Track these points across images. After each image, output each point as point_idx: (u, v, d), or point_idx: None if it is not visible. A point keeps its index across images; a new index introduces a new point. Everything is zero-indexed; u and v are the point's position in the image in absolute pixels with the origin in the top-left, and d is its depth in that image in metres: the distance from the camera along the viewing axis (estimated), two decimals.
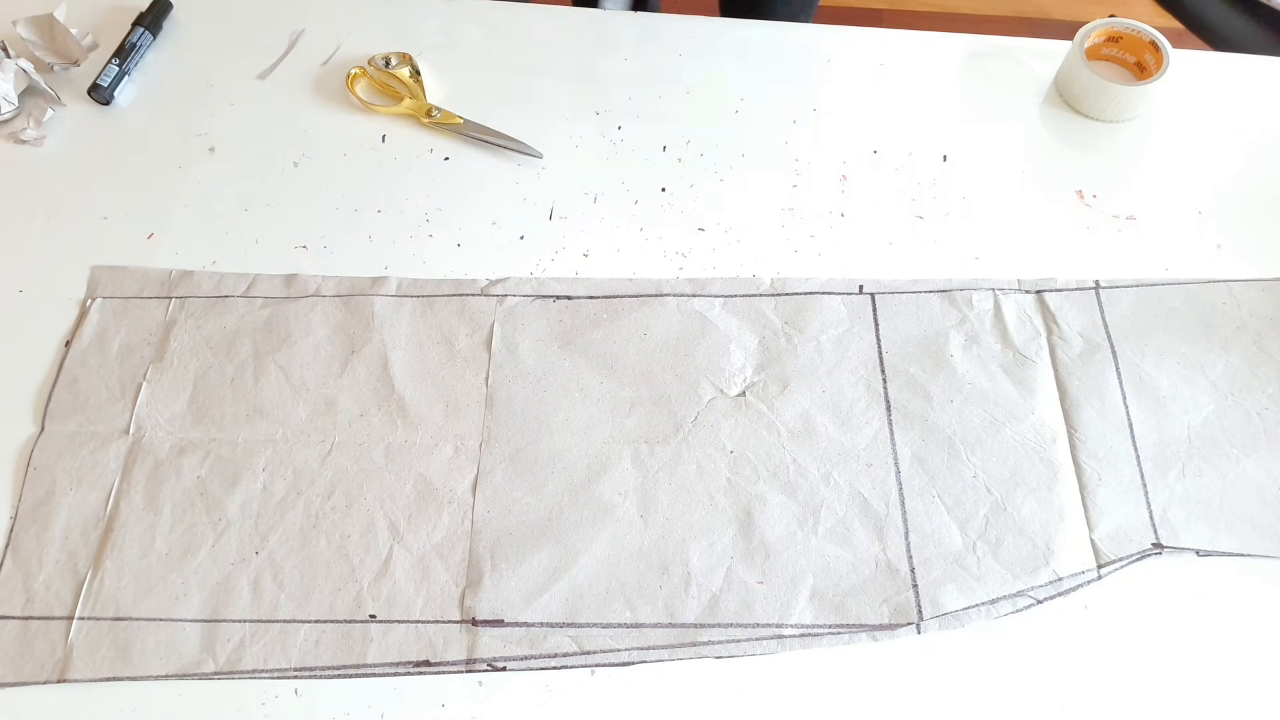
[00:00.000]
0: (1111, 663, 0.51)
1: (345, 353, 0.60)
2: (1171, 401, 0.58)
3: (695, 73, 0.75)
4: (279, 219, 0.67)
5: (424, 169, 0.69)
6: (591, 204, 0.68)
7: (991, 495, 0.55)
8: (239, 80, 0.74)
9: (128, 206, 0.68)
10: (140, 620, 0.51)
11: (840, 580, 0.53)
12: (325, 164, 0.70)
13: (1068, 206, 0.68)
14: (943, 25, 1.63)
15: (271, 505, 0.55)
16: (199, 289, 0.63)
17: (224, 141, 0.71)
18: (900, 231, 0.67)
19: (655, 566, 0.53)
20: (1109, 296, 0.62)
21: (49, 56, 0.74)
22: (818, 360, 0.60)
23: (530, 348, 0.61)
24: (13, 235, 0.66)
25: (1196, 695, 0.51)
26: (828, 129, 0.72)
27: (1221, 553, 0.54)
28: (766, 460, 0.57)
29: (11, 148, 0.70)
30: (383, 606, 0.52)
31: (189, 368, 0.60)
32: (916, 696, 0.51)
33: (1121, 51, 0.74)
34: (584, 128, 0.72)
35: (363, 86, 0.74)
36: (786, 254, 0.66)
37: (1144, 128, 0.72)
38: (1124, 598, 0.53)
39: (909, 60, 0.76)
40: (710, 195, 0.69)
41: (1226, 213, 0.67)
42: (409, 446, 0.57)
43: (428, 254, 0.66)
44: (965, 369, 0.59)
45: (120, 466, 0.56)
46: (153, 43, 0.76)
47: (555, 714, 0.50)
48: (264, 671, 0.50)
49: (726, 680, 0.51)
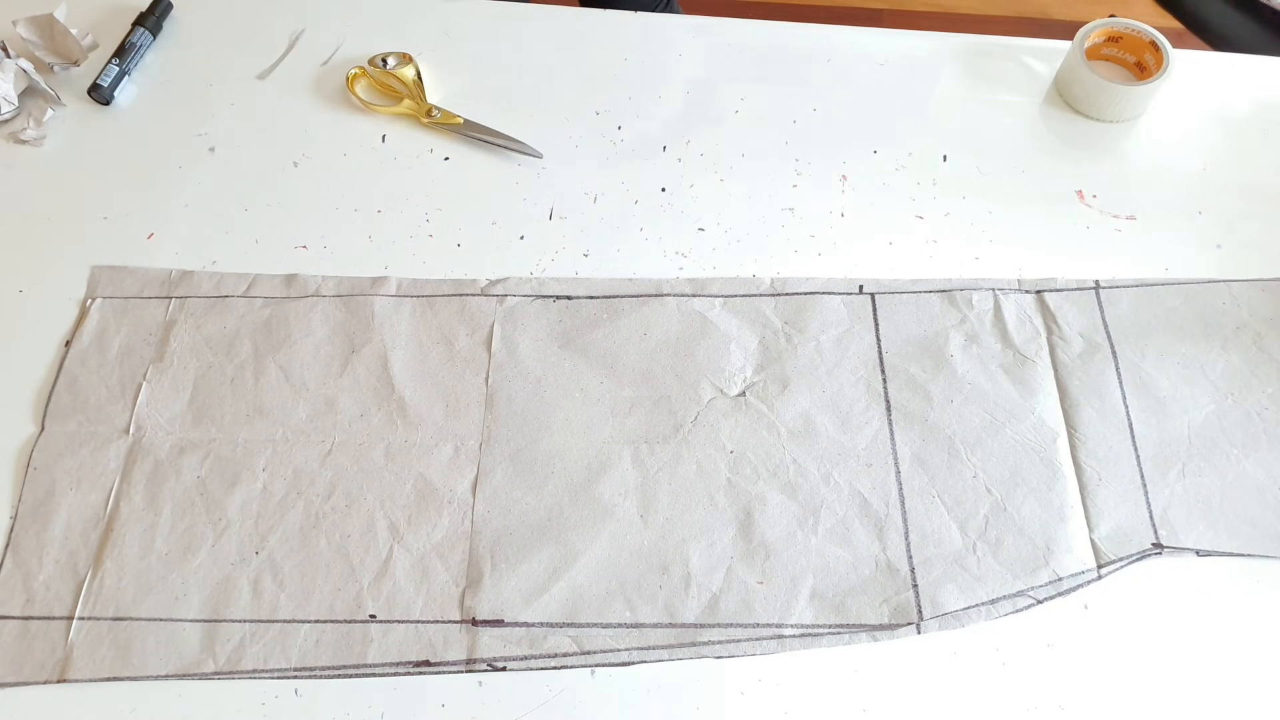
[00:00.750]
0: (1111, 663, 0.51)
1: (345, 353, 0.60)
2: (1171, 401, 0.58)
3: (695, 73, 0.75)
4: (279, 219, 0.67)
5: (424, 169, 0.69)
6: (591, 204, 0.68)
7: (991, 495, 0.55)
8: (239, 80, 0.74)
9: (128, 206, 0.68)
10: (140, 620, 0.51)
11: (840, 580, 0.53)
12: (325, 164, 0.70)
13: (1068, 206, 0.68)
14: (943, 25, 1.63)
15: (271, 505, 0.55)
16: (199, 289, 0.63)
17: (224, 141, 0.71)
18: (900, 231, 0.67)
19: (655, 566, 0.53)
20: (1109, 297, 0.62)
21: (49, 56, 0.74)
22: (818, 360, 0.60)
23: (530, 348, 0.61)
24: (13, 235, 0.66)
25: (1196, 695, 0.51)
26: (828, 129, 0.72)
27: (1222, 553, 0.54)
28: (766, 460, 0.57)
29: (11, 148, 0.70)
30: (383, 606, 0.52)
31: (189, 368, 0.60)
32: (917, 696, 0.51)
33: (1121, 51, 0.74)
34: (584, 128, 0.72)
35: (363, 86, 0.74)
36: (786, 254, 0.66)
37: (1144, 128, 0.72)
38: (1124, 598, 0.53)
39: (909, 60, 0.76)
40: (710, 195, 0.69)
41: (1226, 213, 0.67)
42: (409, 446, 0.57)
43: (428, 254, 0.66)
44: (965, 369, 0.59)
45: (120, 466, 0.56)
46: (153, 43, 0.76)
47: (555, 714, 0.50)
48: (264, 671, 0.50)
49: (727, 680, 0.51)
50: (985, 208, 0.68)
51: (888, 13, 1.69)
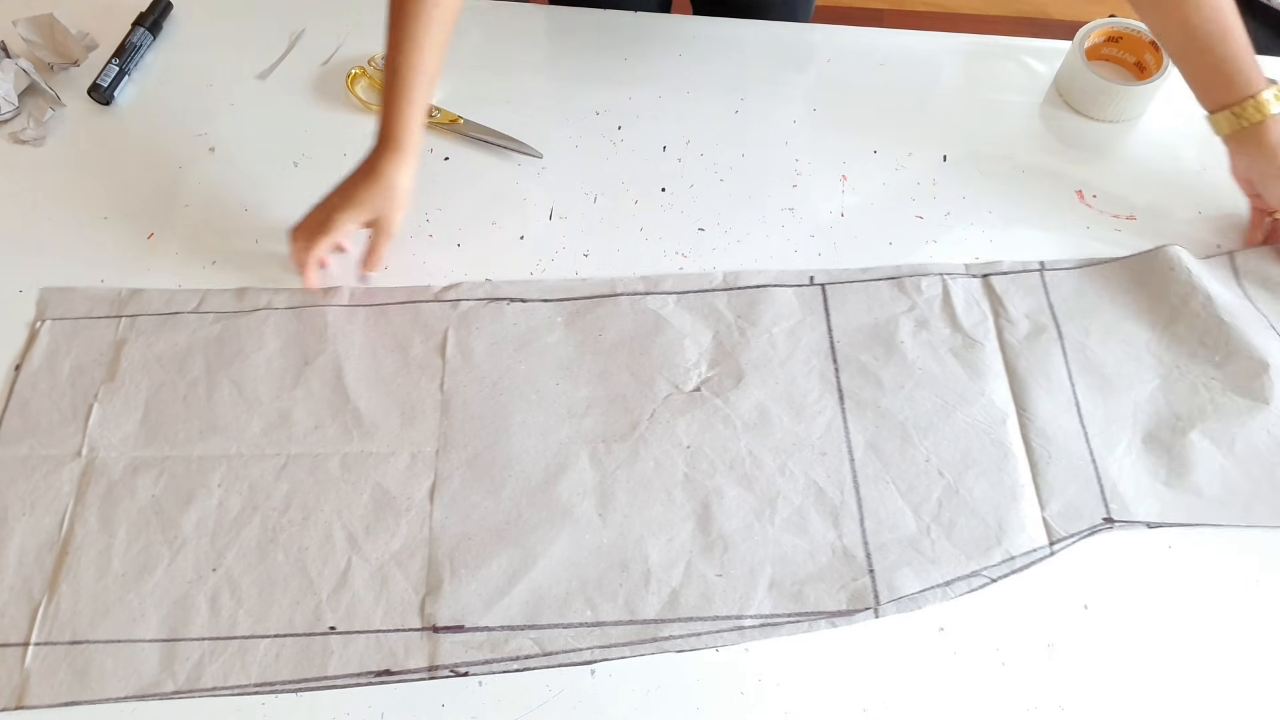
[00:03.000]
0: (1111, 663, 0.51)
1: (299, 364, 0.60)
2: (1117, 378, 0.59)
3: (695, 73, 0.75)
4: (279, 219, 0.66)
5: (424, 169, 0.68)
6: (591, 204, 0.68)
7: (944, 478, 0.56)
8: (239, 80, 0.74)
9: (128, 206, 0.67)
10: (98, 643, 0.51)
11: (798, 569, 0.53)
12: (325, 164, 0.69)
13: (1068, 206, 0.68)
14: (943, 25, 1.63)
15: (227, 521, 0.54)
16: (149, 306, 0.62)
17: (224, 141, 0.71)
18: (900, 231, 0.66)
19: (615, 564, 0.53)
20: (1053, 278, 0.63)
21: (49, 56, 0.74)
22: (771, 352, 0.60)
23: (485, 352, 0.61)
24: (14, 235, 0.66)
25: (1196, 695, 0.51)
26: (828, 129, 0.72)
27: (1172, 524, 0.55)
28: (723, 454, 0.57)
29: (11, 148, 0.70)
30: (342, 618, 0.52)
31: (141, 386, 0.59)
32: (917, 696, 0.50)
33: (1121, 51, 0.74)
34: (584, 128, 0.72)
35: (363, 86, 0.74)
36: (787, 254, 0.65)
37: (1144, 128, 0.72)
38: (1124, 597, 0.53)
39: (909, 60, 0.76)
40: (710, 195, 0.69)
41: (1226, 213, 0.67)
42: (365, 456, 0.57)
43: (428, 254, 0.65)
44: (916, 355, 0.60)
45: (74, 489, 0.56)
46: (153, 43, 0.76)
47: (555, 713, 0.50)
48: (224, 689, 0.50)
49: (727, 680, 0.51)
50: (985, 208, 0.68)
51: (888, 13, 1.70)
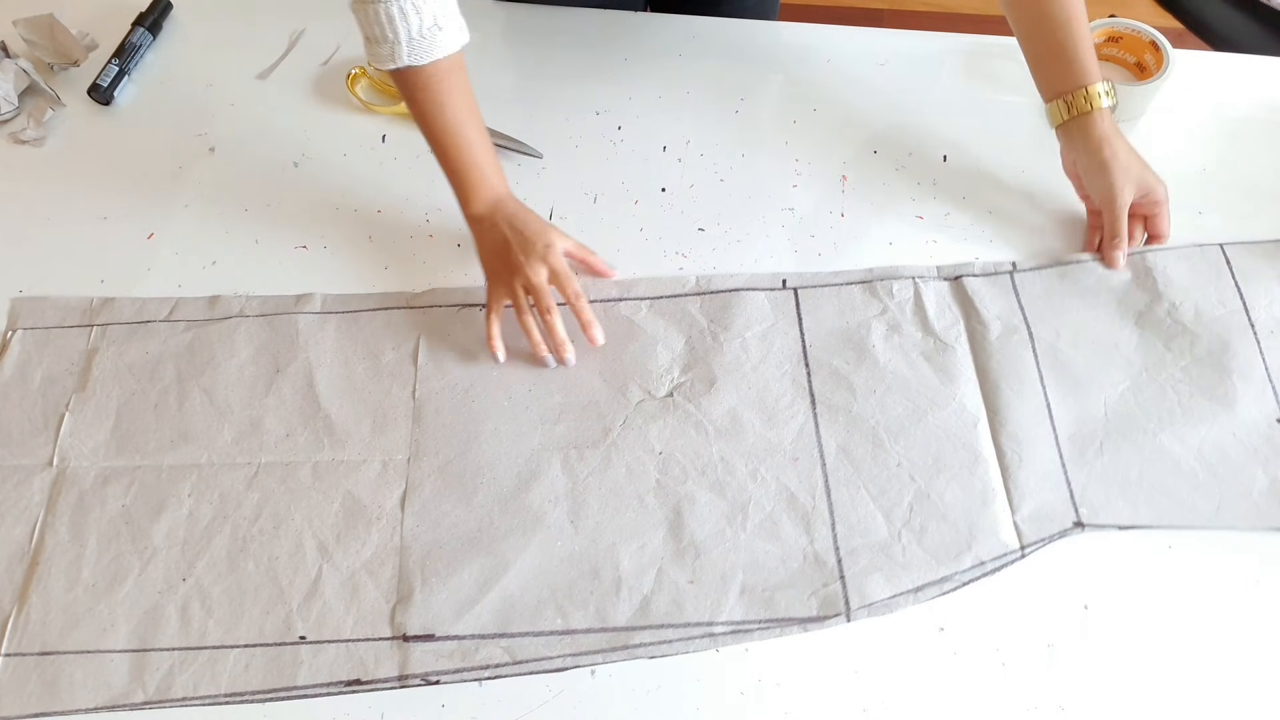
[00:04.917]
0: (1111, 663, 0.51)
1: (270, 372, 0.60)
2: (1087, 380, 0.59)
3: (695, 73, 0.75)
4: (279, 219, 0.66)
5: (424, 169, 0.69)
6: (591, 204, 0.68)
7: (915, 483, 0.56)
8: (239, 80, 0.74)
9: (128, 206, 0.67)
10: (68, 654, 0.51)
11: (769, 575, 0.53)
12: (325, 164, 0.69)
13: (1069, 207, 0.67)
14: (943, 25, 1.63)
15: (198, 531, 0.54)
16: (120, 315, 0.62)
17: (224, 141, 0.71)
18: (900, 231, 0.66)
19: (586, 572, 0.54)
20: (1024, 280, 0.63)
21: (49, 56, 0.73)
22: (743, 357, 0.60)
23: (457, 359, 0.61)
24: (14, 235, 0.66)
25: (1196, 695, 0.51)
26: (828, 129, 0.72)
27: (1141, 526, 0.55)
28: (695, 459, 0.57)
29: (11, 148, 0.70)
30: (313, 627, 0.52)
31: (112, 395, 0.59)
32: (917, 696, 0.50)
33: (1121, 51, 0.74)
34: (584, 128, 0.72)
35: (363, 86, 0.74)
36: (786, 254, 0.65)
37: (1144, 128, 0.72)
38: (1124, 598, 0.53)
39: (909, 60, 0.76)
40: (710, 195, 0.69)
41: (1226, 213, 0.67)
42: (336, 464, 0.57)
43: (428, 254, 0.65)
44: (887, 359, 0.60)
45: (45, 499, 0.56)
46: (153, 43, 0.76)
47: (555, 713, 0.50)
48: (194, 699, 0.50)
49: (727, 680, 0.51)
50: (986, 208, 0.67)
51: (888, 13, 1.70)
